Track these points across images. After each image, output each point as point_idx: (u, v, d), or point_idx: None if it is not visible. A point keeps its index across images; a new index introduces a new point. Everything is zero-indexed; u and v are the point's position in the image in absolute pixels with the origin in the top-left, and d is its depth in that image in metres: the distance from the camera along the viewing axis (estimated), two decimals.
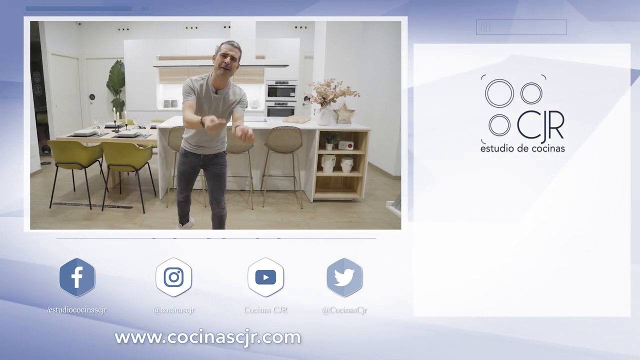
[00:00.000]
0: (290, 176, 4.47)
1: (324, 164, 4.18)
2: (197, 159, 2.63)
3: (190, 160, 2.64)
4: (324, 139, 4.13)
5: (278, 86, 6.86)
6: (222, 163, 2.64)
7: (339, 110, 4.20)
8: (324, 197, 4.20)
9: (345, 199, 4.26)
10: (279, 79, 6.83)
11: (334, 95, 4.06)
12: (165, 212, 3.78)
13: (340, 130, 4.13)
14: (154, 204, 3.97)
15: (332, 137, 4.14)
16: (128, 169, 3.75)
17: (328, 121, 4.16)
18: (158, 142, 4.00)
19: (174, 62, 5.75)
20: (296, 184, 4.44)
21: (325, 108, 4.12)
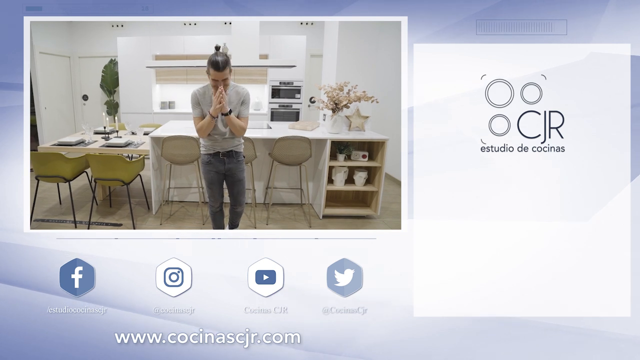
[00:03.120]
0: (297, 188, 4.08)
1: (335, 177, 3.74)
2: (220, 163, 2.68)
3: (214, 166, 2.69)
4: (334, 149, 3.70)
5: (282, 87, 6.38)
6: (242, 168, 2.76)
7: (352, 116, 3.80)
8: (334, 213, 3.78)
9: (358, 215, 3.82)
10: (283, 79, 6.34)
11: (348, 101, 3.61)
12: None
13: (354, 140, 3.70)
14: (146, 220, 3.61)
15: (344, 147, 3.70)
16: (117, 183, 3.33)
17: (340, 129, 3.73)
18: (150, 152, 3.60)
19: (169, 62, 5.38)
20: (303, 197, 4.04)
21: (337, 114, 3.69)
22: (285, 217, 3.81)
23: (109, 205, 3.93)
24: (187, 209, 3.86)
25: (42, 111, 5.99)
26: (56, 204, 3.91)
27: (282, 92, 6.40)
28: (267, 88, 6.50)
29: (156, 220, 3.62)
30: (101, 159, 3.28)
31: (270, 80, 6.38)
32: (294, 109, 6.46)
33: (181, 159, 3.41)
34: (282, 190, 4.12)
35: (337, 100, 3.64)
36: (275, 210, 3.94)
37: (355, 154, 3.74)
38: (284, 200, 4.12)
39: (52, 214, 3.70)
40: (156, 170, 3.76)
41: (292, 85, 6.38)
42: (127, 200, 3.86)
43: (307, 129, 3.95)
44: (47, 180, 3.37)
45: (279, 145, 3.53)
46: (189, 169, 3.92)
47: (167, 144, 3.38)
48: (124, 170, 3.30)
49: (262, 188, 4.08)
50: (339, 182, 3.76)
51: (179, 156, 3.40)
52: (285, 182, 4.10)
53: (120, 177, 3.29)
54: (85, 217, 3.53)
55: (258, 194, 4.05)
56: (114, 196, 4.13)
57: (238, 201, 2.83)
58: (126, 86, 6.51)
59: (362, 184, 3.79)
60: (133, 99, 6.54)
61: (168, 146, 3.38)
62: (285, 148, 3.53)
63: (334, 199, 4.01)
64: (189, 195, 4.05)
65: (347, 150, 3.72)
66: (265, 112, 6.54)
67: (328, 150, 3.62)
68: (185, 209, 3.86)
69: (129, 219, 3.55)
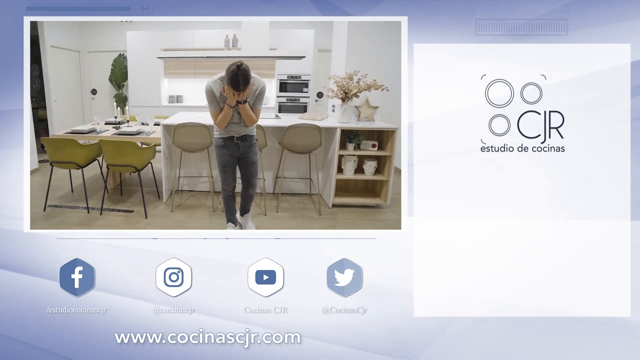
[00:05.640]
0: (306, 178, 4.08)
1: (344, 166, 3.77)
2: (234, 147, 2.80)
3: (228, 150, 2.80)
4: (344, 138, 3.71)
5: (290, 81, 6.37)
6: (255, 151, 2.89)
7: (361, 106, 3.78)
8: (344, 202, 3.80)
9: (367, 204, 3.84)
10: (291, 72, 6.31)
11: (358, 90, 3.61)
12: (169, 217, 3.51)
13: (364, 129, 3.72)
14: (157, 207, 3.70)
15: (354, 137, 3.71)
16: (129, 169, 3.45)
17: (349, 118, 3.75)
18: (162, 140, 3.67)
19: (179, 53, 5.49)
20: (312, 187, 4.06)
21: (346, 104, 3.70)
22: (295, 205, 3.83)
23: (120, 194, 4.02)
24: (197, 198, 3.94)
25: (53, 104, 6.11)
26: (68, 192, 4.00)
27: (290, 85, 6.42)
28: (275, 82, 6.53)
29: (167, 207, 3.69)
30: (114, 145, 3.39)
31: (278, 74, 6.40)
32: (301, 103, 6.46)
33: (192, 146, 3.49)
34: (291, 180, 4.14)
35: (347, 89, 3.66)
36: (285, 199, 3.98)
37: (364, 143, 3.75)
38: (293, 190, 4.15)
39: (64, 201, 3.78)
40: (167, 159, 3.83)
41: (299, 79, 6.40)
42: (137, 189, 4.01)
43: (316, 119, 3.95)
44: (60, 166, 3.48)
45: (290, 133, 3.55)
46: (199, 158, 3.98)
47: (179, 132, 3.46)
48: (136, 157, 3.40)
49: (271, 178, 4.10)
50: (349, 171, 3.79)
51: (190, 144, 3.47)
52: (295, 171, 4.11)
53: (132, 163, 3.40)
54: (97, 204, 3.63)
55: (267, 184, 4.09)
56: (125, 185, 4.22)
57: (251, 183, 2.94)
58: (135, 80, 6.64)
59: (372, 173, 3.80)
60: (142, 93, 6.66)
61: (180, 134, 3.46)
62: (295, 136, 3.56)
63: (343, 188, 4.03)
64: (198, 185, 4.12)
65: (357, 140, 3.72)
66: (272, 106, 6.57)
67: (338, 138, 3.63)
68: (196, 198, 3.94)
69: (140, 206, 3.63)
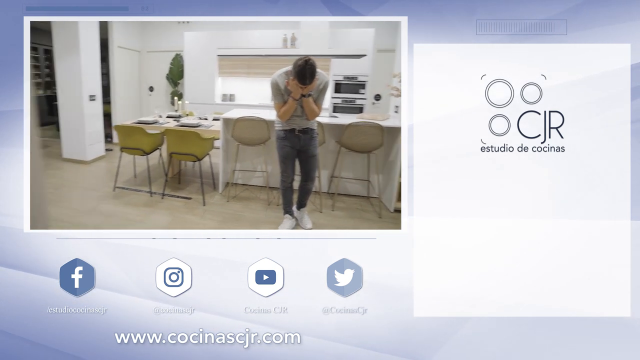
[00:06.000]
0: (364, 180, 3.92)
1: None
2: (295, 139, 2.84)
3: (289, 142, 2.85)
4: None
5: (344, 82, 6.14)
6: (315, 144, 2.93)
7: None
8: None
9: None
10: (347, 73, 6.12)
11: None
12: (225, 207, 3.60)
13: None
14: (213, 197, 3.84)
15: None
16: (190, 158, 3.69)
17: None
18: (221, 134, 3.82)
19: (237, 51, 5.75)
20: (370, 189, 3.90)
21: None
22: (351, 206, 3.75)
23: (178, 182, 4.26)
24: (251, 191, 4.05)
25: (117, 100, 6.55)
26: (131, 177, 4.31)
27: (344, 87, 6.20)
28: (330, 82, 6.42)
29: (223, 197, 3.83)
30: (178, 134, 3.67)
31: (333, 74, 6.21)
32: (357, 105, 6.23)
33: (250, 140, 3.60)
34: (347, 181, 4.04)
35: None
36: (340, 199, 3.90)
37: None
38: (349, 191, 4.04)
39: (129, 184, 4.10)
40: (225, 152, 3.95)
41: (355, 80, 6.16)
42: (194, 180, 4.31)
43: (377, 118, 3.83)
44: (129, 152, 3.84)
45: (350, 131, 3.46)
46: (255, 153, 4.06)
47: (239, 125, 3.58)
48: (198, 146, 3.62)
49: (326, 177, 4.02)
50: None
51: (249, 138, 3.59)
52: (351, 172, 4.00)
53: (194, 152, 3.63)
54: (158, 189, 3.89)
55: (322, 183, 3.98)
56: (183, 175, 4.50)
57: (310, 177, 2.99)
58: (191, 78, 6.87)
59: None
60: (196, 91, 6.86)
61: (239, 127, 3.58)
62: (356, 135, 3.45)
63: None
64: (252, 179, 4.17)
65: None
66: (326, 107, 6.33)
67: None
68: (250, 191, 4.05)
69: (197, 194, 3.84)
